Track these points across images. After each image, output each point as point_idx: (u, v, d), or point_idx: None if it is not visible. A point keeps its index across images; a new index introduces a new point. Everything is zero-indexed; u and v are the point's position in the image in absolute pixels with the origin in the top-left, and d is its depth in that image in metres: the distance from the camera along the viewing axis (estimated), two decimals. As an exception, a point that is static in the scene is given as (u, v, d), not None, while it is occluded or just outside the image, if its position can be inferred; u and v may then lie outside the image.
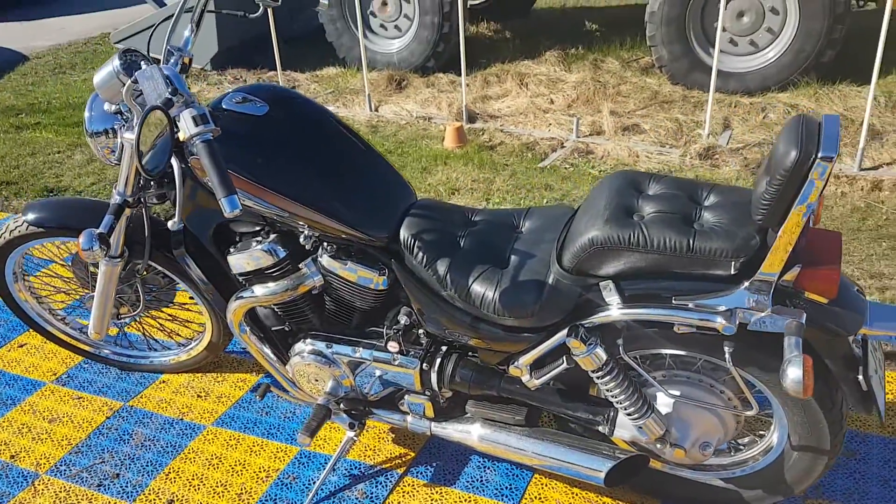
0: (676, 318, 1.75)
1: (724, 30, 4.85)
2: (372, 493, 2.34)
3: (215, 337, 2.73)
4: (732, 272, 1.69)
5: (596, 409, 2.07)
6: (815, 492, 2.24)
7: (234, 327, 2.31)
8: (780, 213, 1.58)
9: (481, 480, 2.37)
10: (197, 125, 1.71)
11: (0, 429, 2.68)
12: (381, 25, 6.56)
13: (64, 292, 2.90)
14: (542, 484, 2.34)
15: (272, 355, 2.36)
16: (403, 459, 2.46)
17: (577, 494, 2.30)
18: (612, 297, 1.81)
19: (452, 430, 2.25)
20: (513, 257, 1.97)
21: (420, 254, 2.00)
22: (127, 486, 2.42)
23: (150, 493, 2.38)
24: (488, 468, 2.41)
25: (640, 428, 1.94)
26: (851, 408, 1.82)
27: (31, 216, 2.46)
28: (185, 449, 2.55)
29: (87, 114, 2.13)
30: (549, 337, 1.94)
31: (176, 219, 1.84)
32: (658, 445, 1.99)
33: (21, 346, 3.13)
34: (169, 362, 2.90)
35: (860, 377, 1.74)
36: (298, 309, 2.25)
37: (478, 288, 1.93)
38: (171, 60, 2.08)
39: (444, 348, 2.19)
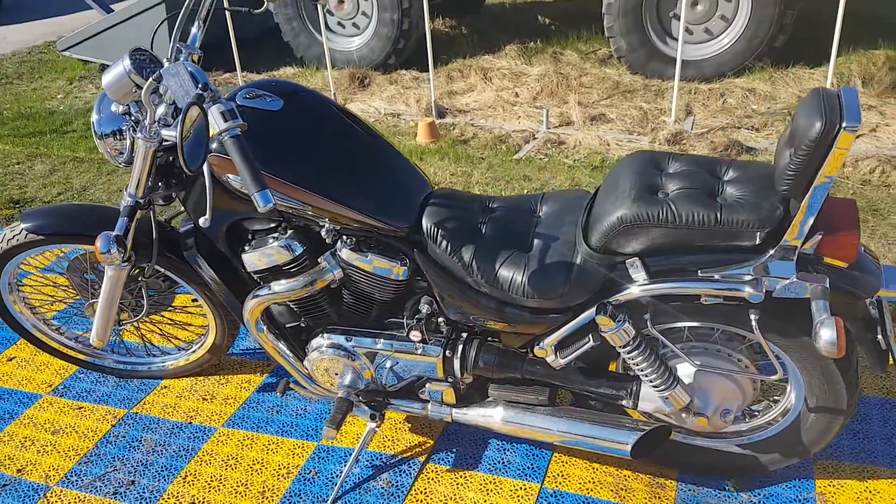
0: (704, 290, 1.82)
1: (678, 18, 4.98)
2: (397, 482, 2.36)
3: (219, 339, 2.71)
4: (757, 242, 1.76)
5: (619, 385, 2.13)
6: (824, 453, 2.34)
7: (251, 326, 2.30)
8: (804, 183, 1.66)
9: (503, 462, 2.41)
10: (226, 120, 1.71)
11: (1, 443, 2.61)
12: (339, 23, 6.54)
13: (60, 301, 2.84)
14: (562, 462, 2.40)
15: (288, 352, 2.36)
16: (423, 447, 2.48)
17: (597, 469, 2.36)
18: (638, 274, 1.87)
19: (474, 415, 2.28)
20: (536, 241, 2.02)
21: (444, 242, 2.03)
22: (144, 493, 2.39)
23: (168, 498, 2.36)
24: (508, 450, 2.46)
25: (667, 399, 2.01)
26: (866, 367, 1.92)
27: (30, 224, 2.41)
28: (199, 452, 2.53)
29: (95, 116, 2.10)
30: (574, 316, 2.00)
31: (207, 215, 1.82)
32: (683, 415, 2.06)
33: (10, 359, 3.05)
34: (169, 367, 2.87)
35: (879, 337, 1.83)
36: (316, 304, 2.26)
37: (505, 272, 1.97)
38: (181, 59, 2.07)
39: (464, 335, 2.22)
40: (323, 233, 2.09)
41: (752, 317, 1.83)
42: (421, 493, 2.32)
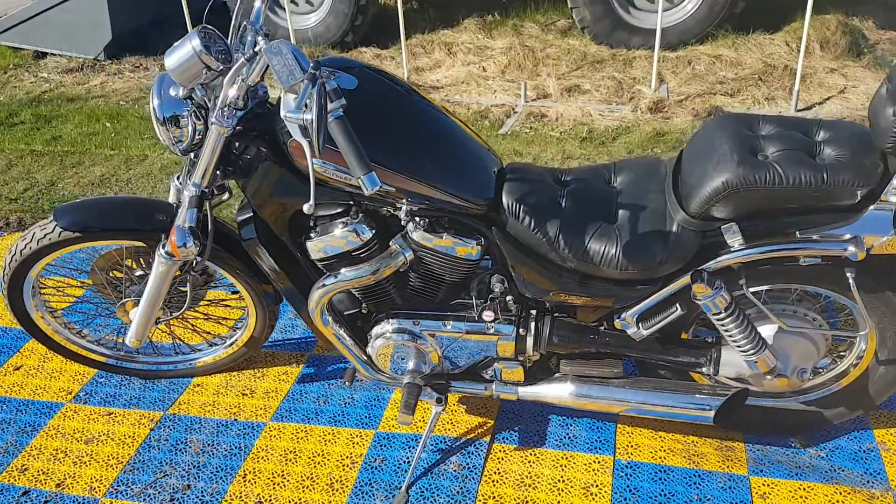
0: (806, 252, 1.84)
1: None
2: (468, 464, 2.33)
3: (258, 331, 2.61)
4: (856, 201, 1.79)
5: (698, 352, 2.15)
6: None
7: (317, 317, 2.22)
8: (901, 144, 1.70)
9: (570, 437, 2.41)
10: (332, 101, 1.63)
11: (30, 458, 2.45)
12: (292, 0, 6.34)
13: (89, 302, 2.68)
14: (627, 433, 2.41)
15: (350, 340, 2.29)
16: (484, 428, 2.46)
17: (664, 438, 2.38)
18: (734, 239, 1.88)
19: (544, 391, 2.27)
20: (621, 212, 2.00)
21: (526, 217, 1.99)
22: (204, 496, 2.29)
23: (232, 499, 2.27)
24: (571, 425, 2.46)
25: (754, 363, 2.04)
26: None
27: (66, 220, 2.25)
28: (253, 448, 2.44)
29: (155, 100, 1.96)
30: (663, 286, 2.00)
31: (312, 201, 1.73)
32: (765, 377, 2.09)
33: (17, 368, 2.86)
34: (198, 364, 2.74)
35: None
36: (382, 289, 2.19)
37: (595, 245, 1.95)
38: (249, 38, 1.96)
39: (535, 312, 2.20)
40: (401, 214, 2.02)
41: (849, 275, 1.87)
42: (495, 473, 2.30)
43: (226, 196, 2.44)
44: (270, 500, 2.25)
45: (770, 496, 2.17)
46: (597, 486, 2.23)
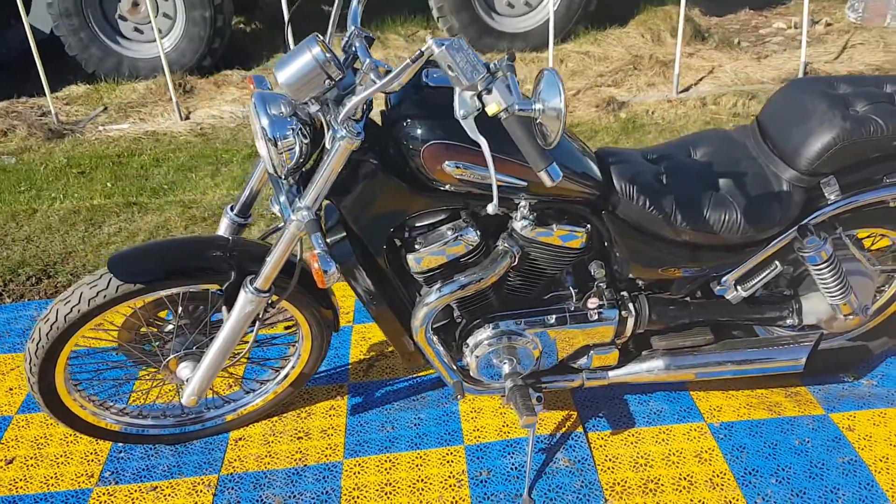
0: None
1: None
2: (577, 458, 2.31)
3: (309, 366, 2.42)
4: None
5: (781, 306, 2.30)
6: None
7: (421, 336, 2.10)
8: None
9: (655, 412, 2.46)
10: (511, 94, 1.57)
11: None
12: (136, 29, 5.90)
13: (111, 368, 2.33)
14: (702, 398, 2.51)
15: (447, 354, 2.19)
16: (571, 420, 2.45)
17: (735, 396, 2.51)
18: (832, 191, 2.03)
19: (636, 370, 2.31)
20: (722, 181, 2.08)
21: (641, 197, 2.02)
22: (314, 551, 2.08)
23: (347, 547, 2.08)
24: (648, 401, 2.51)
25: (839, 306, 2.20)
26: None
27: (124, 270, 1.95)
28: (342, 489, 2.25)
29: (263, 120, 1.76)
30: (766, 245, 2.11)
31: (495, 201, 1.63)
32: (846, 319, 2.26)
33: (9, 462, 2.41)
34: (225, 419, 2.47)
35: None
36: (482, 293, 2.12)
37: (715, 214, 2.01)
38: (357, 42, 1.83)
39: (631, 293, 2.23)
40: (527, 209, 1.96)
41: None
42: (606, 460, 2.30)
43: (250, 219, 2.27)
44: (392, 538, 2.10)
45: (856, 428, 2.35)
46: (706, 451, 2.30)
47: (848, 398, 2.47)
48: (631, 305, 2.20)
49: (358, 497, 2.22)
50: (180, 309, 2.18)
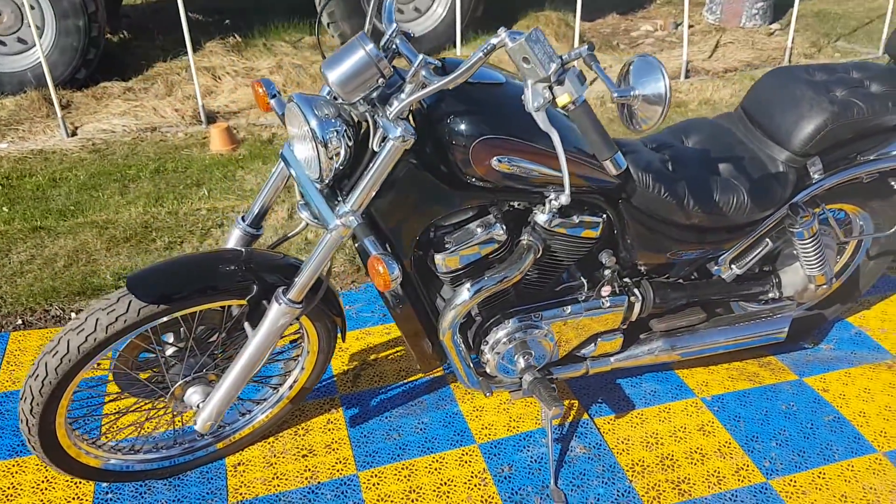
0: (871, 170, 2.24)
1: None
2: (591, 444, 2.36)
3: (311, 380, 2.33)
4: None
5: (764, 281, 2.46)
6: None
7: (448, 339, 2.08)
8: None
9: (649, 393, 2.56)
10: (582, 84, 1.60)
11: None
12: (0, 42, 5.40)
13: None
14: (687, 375, 2.64)
15: (467, 354, 2.18)
16: (575, 408, 2.50)
17: (715, 371, 2.65)
18: (816, 170, 2.21)
19: (637, 353, 2.40)
20: (722, 165, 2.20)
21: (656, 185, 2.09)
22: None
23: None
24: (640, 383, 2.61)
25: (815, 277, 2.39)
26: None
27: (145, 290, 1.79)
28: (366, 501, 2.18)
29: (313, 121, 1.69)
30: (762, 224, 2.25)
31: (567, 191, 1.63)
32: (815, 288, 2.46)
33: (-30, 519, 2.16)
34: (218, 446, 2.32)
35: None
36: (503, 290, 2.13)
37: (724, 197, 2.12)
38: (398, 39, 1.80)
39: (633, 278, 2.31)
40: (560, 200, 1.97)
41: (893, 183, 2.30)
42: (620, 443, 2.36)
43: (261, 231, 2.18)
44: (433, 544, 2.06)
45: (829, 389, 2.56)
46: (707, 424, 2.42)
47: (814, 363, 2.68)
48: (637, 291, 2.28)
49: (384, 508, 2.16)
50: (186, 330, 2.03)
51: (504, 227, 1.99)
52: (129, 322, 1.79)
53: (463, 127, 1.79)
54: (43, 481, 2.25)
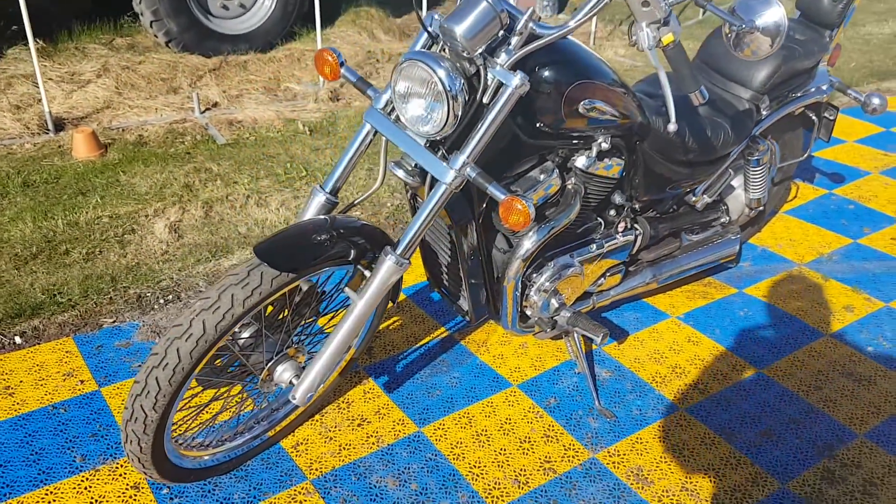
0: (799, 105, 2.73)
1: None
2: (611, 368, 2.64)
3: (360, 351, 2.37)
4: (813, 65, 2.74)
5: (718, 208, 2.88)
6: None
7: (510, 291, 2.24)
8: (839, 21, 2.71)
9: (633, 320, 2.89)
10: (679, 25, 1.85)
11: None
12: None
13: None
14: (655, 301, 3.00)
15: (520, 300, 2.35)
16: (582, 343, 2.75)
17: (672, 295, 3.05)
18: (765, 107, 2.66)
19: (633, 284, 2.71)
20: (702, 108, 2.56)
21: (668, 126, 2.38)
22: (474, 499, 2.12)
23: (495, 485, 2.16)
24: (623, 313, 2.93)
25: (755, 201, 2.86)
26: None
27: (281, 259, 1.75)
28: (443, 451, 2.28)
29: (441, 73, 1.75)
30: (729, 157, 2.66)
31: (673, 119, 1.85)
32: (752, 212, 2.93)
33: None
34: (267, 434, 2.29)
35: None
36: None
37: (714, 133, 2.48)
38: None
39: (634, 215, 2.61)
40: (608, 143, 2.18)
41: (815, 117, 2.83)
42: (634, 363, 2.67)
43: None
44: (522, 471, 2.21)
45: (766, 294, 3.06)
46: (692, 337, 2.80)
47: (743, 277, 3.18)
48: (638, 226, 2.58)
49: (462, 453, 2.27)
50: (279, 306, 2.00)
51: (559, 174, 2.18)
52: (264, 294, 1.75)
53: (560, 73, 1.95)
54: (92, 502, 2.06)
